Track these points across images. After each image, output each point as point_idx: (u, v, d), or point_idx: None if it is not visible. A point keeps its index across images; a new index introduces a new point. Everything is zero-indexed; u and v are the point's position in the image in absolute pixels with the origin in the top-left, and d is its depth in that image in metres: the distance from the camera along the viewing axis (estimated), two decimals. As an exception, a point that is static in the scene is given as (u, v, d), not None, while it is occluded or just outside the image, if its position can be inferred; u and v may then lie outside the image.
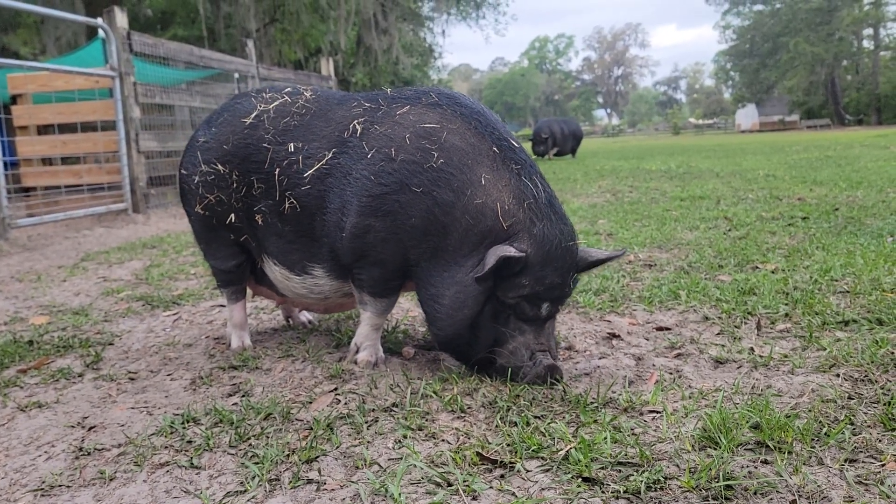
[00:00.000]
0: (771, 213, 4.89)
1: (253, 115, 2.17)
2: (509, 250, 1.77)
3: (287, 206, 2.08)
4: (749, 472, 1.33)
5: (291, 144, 2.09)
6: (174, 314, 2.95)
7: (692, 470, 1.34)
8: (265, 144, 2.12)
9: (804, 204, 5.34)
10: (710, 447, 1.44)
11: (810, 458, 1.38)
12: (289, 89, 2.25)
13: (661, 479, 1.31)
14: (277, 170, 2.09)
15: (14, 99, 7.29)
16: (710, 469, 1.32)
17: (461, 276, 1.86)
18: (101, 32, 6.73)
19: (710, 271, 3.15)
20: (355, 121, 2.03)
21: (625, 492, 1.29)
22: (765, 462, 1.37)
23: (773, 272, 3.03)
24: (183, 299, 3.20)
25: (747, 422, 1.50)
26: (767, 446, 1.43)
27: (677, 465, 1.37)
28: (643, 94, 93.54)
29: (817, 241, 3.70)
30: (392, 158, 1.92)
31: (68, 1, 12.57)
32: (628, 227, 4.68)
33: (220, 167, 2.17)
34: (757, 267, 3.18)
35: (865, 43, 42.71)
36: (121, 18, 6.70)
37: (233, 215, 2.20)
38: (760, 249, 3.56)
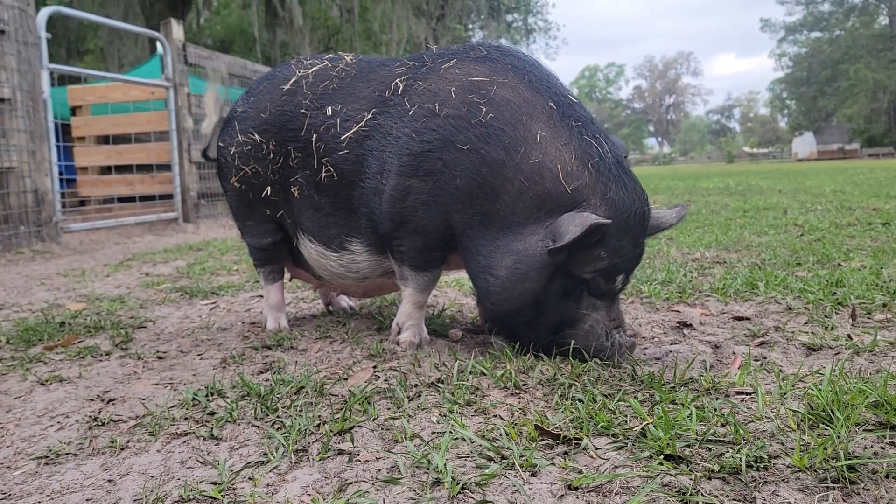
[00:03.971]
0: (846, 220, 4.55)
1: (292, 82, 2.04)
2: (595, 217, 1.54)
3: (324, 174, 1.92)
4: (874, 454, 1.08)
5: (329, 108, 1.94)
6: (212, 303, 2.82)
7: (804, 448, 1.10)
8: (303, 110, 1.97)
9: (881, 212, 4.96)
10: (822, 425, 1.19)
11: (948, 441, 1.13)
12: (329, 55, 2.11)
13: (764, 457, 1.08)
14: (315, 135, 1.94)
15: (73, 110, 7.43)
16: (826, 447, 1.07)
17: (520, 246, 1.65)
18: (158, 46, 6.84)
19: (788, 268, 2.86)
20: (398, 79, 1.87)
21: (719, 470, 1.05)
22: (892, 444, 1.12)
23: (859, 269, 2.73)
24: (222, 290, 3.07)
25: (865, 399, 1.25)
26: (893, 427, 1.17)
27: (781, 443, 1.13)
28: (695, 122, 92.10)
29: (905, 242, 3.37)
30: (436, 114, 1.74)
31: (130, 18, 13.02)
32: (689, 233, 4.40)
33: (256, 137, 2.03)
34: (840, 264, 2.88)
35: (931, 68, 41.18)
36: (177, 30, 6.80)
37: (269, 188, 2.06)
38: (840, 250, 3.25)
